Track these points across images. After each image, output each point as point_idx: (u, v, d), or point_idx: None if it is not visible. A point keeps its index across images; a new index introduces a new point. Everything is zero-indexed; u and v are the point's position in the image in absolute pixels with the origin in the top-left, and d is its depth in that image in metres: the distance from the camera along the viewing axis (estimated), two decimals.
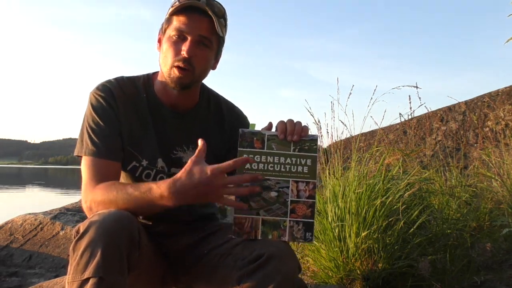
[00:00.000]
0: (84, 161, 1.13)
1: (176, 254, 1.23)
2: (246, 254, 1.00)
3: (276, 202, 1.04)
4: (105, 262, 0.89)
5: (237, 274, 0.99)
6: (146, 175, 1.21)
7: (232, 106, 1.35)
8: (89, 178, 1.10)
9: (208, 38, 1.14)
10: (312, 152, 1.06)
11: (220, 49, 1.23)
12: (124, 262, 0.93)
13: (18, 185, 23.96)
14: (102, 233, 0.91)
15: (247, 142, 1.06)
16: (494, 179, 2.59)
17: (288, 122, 1.08)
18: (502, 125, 4.22)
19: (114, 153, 1.14)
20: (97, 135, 1.13)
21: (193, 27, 1.12)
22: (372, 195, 1.88)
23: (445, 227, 1.94)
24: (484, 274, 1.82)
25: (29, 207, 5.87)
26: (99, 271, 0.88)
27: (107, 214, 0.95)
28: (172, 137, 1.23)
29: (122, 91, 1.19)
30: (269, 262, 0.95)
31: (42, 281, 2.34)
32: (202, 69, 1.18)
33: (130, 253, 0.95)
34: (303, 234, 1.03)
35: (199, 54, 1.14)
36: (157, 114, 1.22)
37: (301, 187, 1.05)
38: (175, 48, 1.13)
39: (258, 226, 1.03)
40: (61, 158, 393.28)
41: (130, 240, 0.95)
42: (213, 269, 1.13)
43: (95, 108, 1.15)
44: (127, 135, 1.17)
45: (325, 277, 1.89)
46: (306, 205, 1.04)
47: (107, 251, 0.90)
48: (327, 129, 2.33)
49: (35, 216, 3.54)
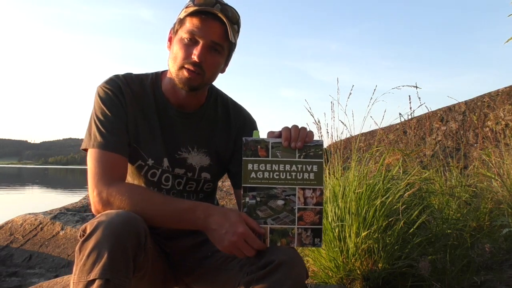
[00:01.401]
0: (92, 154, 1.10)
1: (178, 255, 1.23)
2: (254, 260, 1.00)
3: (283, 211, 1.03)
4: (112, 263, 0.89)
5: (245, 279, 0.99)
6: (152, 174, 1.21)
7: (240, 108, 1.34)
8: (100, 171, 1.07)
9: (220, 44, 1.13)
10: (317, 158, 1.05)
11: (230, 54, 1.22)
12: (131, 264, 0.93)
13: (18, 185, 23.95)
14: (109, 234, 0.91)
15: (251, 151, 1.04)
16: (494, 179, 2.59)
17: (292, 128, 1.06)
18: (502, 125, 4.22)
19: (122, 147, 1.13)
20: (106, 128, 1.11)
21: (206, 32, 1.11)
22: (372, 195, 1.88)
23: (445, 227, 1.94)
24: (484, 274, 1.81)
25: (29, 207, 5.87)
26: (105, 273, 0.88)
27: (115, 215, 0.95)
28: (178, 138, 1.23)
29: (130, 88, 1.18)
30: (279, 269, 0.95)
31: (42, 281, 2.34)
32: (211, 74, 1.17)
33: (136, 255, 0.95)
34: (312, 240, 1.03)
35: (210, 59, 1.13)
36: (164, 113, 1.21)
37: (308, 194, 1.04)
38: (186, 51, 1.12)
39: (267, 235, 1.02)
40: (61, 158, 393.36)
41: (137, 242, 0.94)
42: (216, 272, 1.13)
43: (103, 100, 1.14)
44: (132, 132, 1.16)
45: (325, 277, 1.89)
46: (313, 212, 1.03)
47: (114, 253, 0.89)
48: (327, 129, 2.33)
49: (35, 216, 3.55)
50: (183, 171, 1.23)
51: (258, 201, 1.02)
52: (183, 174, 1.24)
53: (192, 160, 1.24)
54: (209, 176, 1.27)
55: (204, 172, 1.26)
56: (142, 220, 0.98)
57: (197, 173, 1.25)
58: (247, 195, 1.02)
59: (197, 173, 1.25)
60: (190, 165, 1.24)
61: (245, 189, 1.03)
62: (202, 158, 1.25)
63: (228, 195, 4.27)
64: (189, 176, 1.24)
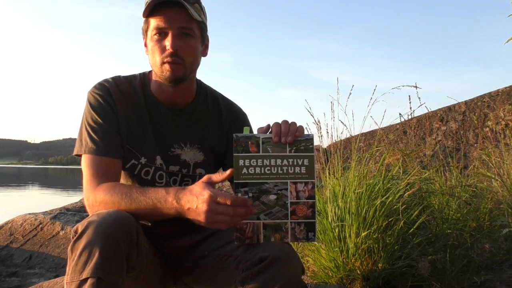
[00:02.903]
0: (84, 160, 1.13)
1: (176, 254, 1.23)
2: (249, 257, 1.00)
3: (275, 205, 1.03)
4: (104, 262, 0.89)
5: (241, 276, 0.99)
6: (145, 172, 1.21)
7: (231, 103, 1.35)
8: (90, 176, 1.10)
9: (187, 27, 1.14)
10: (308, 152, 1.05)
11: (204, 34, 1.22)
12: (123, 263, 0.93)
13: (18, 185, 23.95)
14: (100, 233, 0.91)
15: (242, 147, 1.04)
16: (494, 179, 2.59)
17: (282, 123, 1.06)
18: (502, 125, 4.22)
19: (113, 150, 1.14)
20: (96, 133, 1.13)
21: (170, 21, 1.13)
22: (372, 195, 1.88)
23: (445, 227, 1.94)
24: (484, 274, 1.81)
25: (29, 207, 5.87)
26: (97, 272, 0.88)
27: (106, 214, 0.95)
28: (170, 134, 1.24)
29: (119, 90, 1.19)
30: (274, 264, 0.95)
31: (42, 281, 2.35)
32: (192, 59, 1.18)
33: (129, 253, 0.95)
34: (306, 235, 1.03)
35: (184, 45, 1.14)
36: (154, 111, 1.23)
37: (300, 188, 1.04)
38: (159, 46, 1.14)
39: (260, 230, 1.02)
40: (61, 158, 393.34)
41: (129, 240, 0.95)
42: (213, 271, 1.13)
43: (93, 106, 1.16)
44: (125, 133, 1.18)
45: (325, 277, 1.89)
46: (306, 205, 1.03)
47: (105, 252, 0.90)
48: (327, 129, 2.33)
49: (35, 216, 3.54)
50: (178, 168, 1.24)
51: (250, 197, 1.02)
52: (177, 171, 1.24)
53: (185, 156, 1.25)
54: (204, 172, 1.27)
55: (198, 168, 1.27)
56: (133, 218, 0.99)
57: (191, 169, 1.26)
58: (239, 191, 1.02)
59: (192, 169, 1.26)
60: (184, 161, 1.25)
61: (237, 185, 1.03)
62: (196, 154, 1.26)
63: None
64: (184, 172, 1.25)
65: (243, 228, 1.02)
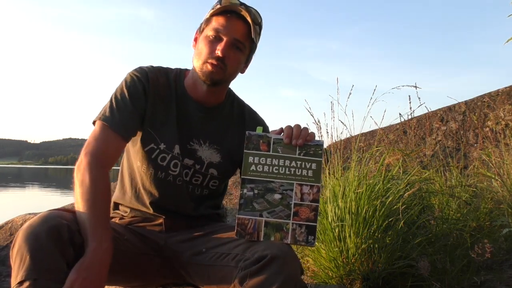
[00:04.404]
0: (96, 125, 1.18)
1: (173, 247, 1.25)
2: (248, 255, 1.01)
3: (279, 205, 1.04)
4: (35, 263, 0.90)
5: (239, 274, 0.99)
6: (162, 158, 1.24)
7: (255, 112, 1.40)
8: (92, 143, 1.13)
9: (242, 42, 1.21)
10: (317, 157, 1.08)
11: (251, 55, 1.29)
12: (60, 260, 0.94)
13: (18, 185, 23.95)
14: (28, 237, 0.93)
15: (253, 145, 1.08)
16: (494, 179, 2.59)
17: (294, 126, 1.11)
18: (502, 125, 4.22)
19: (125, 130, 1.17)
20: (118, 108, 1.18)
21: (230, 30, 1.18)
22: (372, 195, 1.88)
23: (445, 227, 1.94)
24: (484, 274, 1.82)
25: (29, 207, 5.87)
26: (32, 273, 0.89)
27: (37, 218, 0.98)
28: (192, 129, 1.27)
29: (156, 77, 1.25)
30: (272, 263, 0.96)
31: None
32: (233, 70, 1.23)
33: (63, 251, 0.95)
34: (305, 238, 1.04)
35: (232, 56, 1.20)
36: (182, 105, 1.27)
37: (305, 190, 1.06)
38: (210, 47, 1.19)
39: (261, 228, 1.03)
40: (61, 158, 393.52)
41: (58, 238, 0.95)
42: (210, 268, 1.13)
43: (127, 84, 1.22)
44: (150, 117, 1.22)
45: (325, 277, 1.89)
46: (309, 208, 1.04)
47: (35, 252, 0.91)
48: (327, 129, 2.33)
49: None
50: (192, 162, 1.27)
51: (256, 194, 1.05)
52: (191, 165, 1.27)
53: (202, 153, 1.28)
54: (216, 173, 1.30)
55: (212, 168, 1.29)
56: (69, 216, 1.01)
57: (205, 167, 1.28)
58: (246, 187, 1.05)
59: (205, 167, 1.28)
60: (200, 158, 1.28)
61: (244, 181, 1.06)
62: (213, 154, 1.29)
63: (228, 195, 4.27)
64: (196, 168, 1.28)
65: (245, 223, 1.03)
